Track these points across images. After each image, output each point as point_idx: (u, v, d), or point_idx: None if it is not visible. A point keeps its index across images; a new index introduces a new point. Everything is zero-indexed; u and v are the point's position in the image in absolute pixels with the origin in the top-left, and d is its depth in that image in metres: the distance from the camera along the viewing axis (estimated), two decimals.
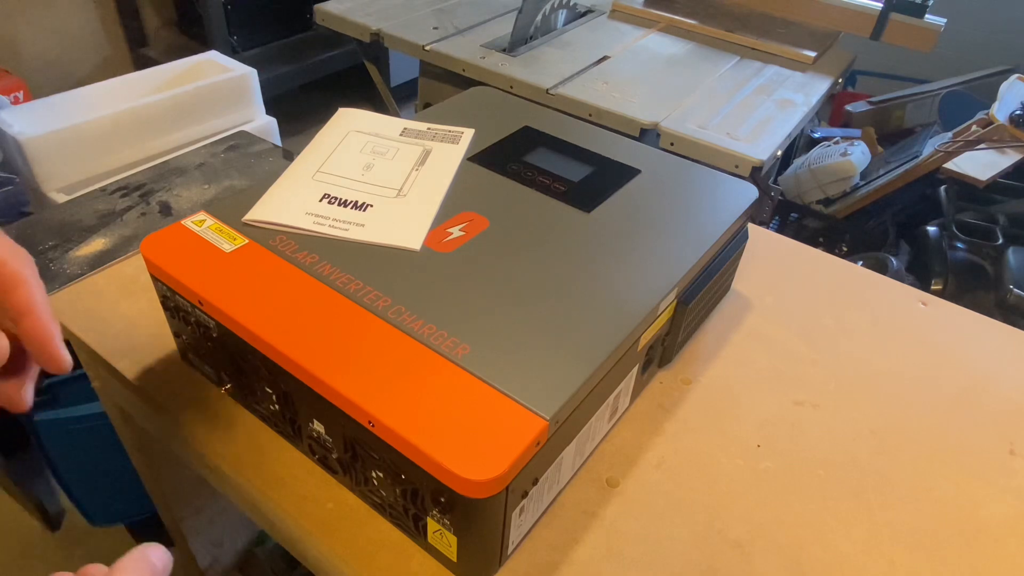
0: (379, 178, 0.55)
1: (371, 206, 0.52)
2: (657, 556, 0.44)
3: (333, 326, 0.42)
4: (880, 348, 0.61)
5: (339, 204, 0.52)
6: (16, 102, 1.69)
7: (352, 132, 0.59)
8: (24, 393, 0.36)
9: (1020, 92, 1.24)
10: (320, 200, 0.53)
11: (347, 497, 0.46)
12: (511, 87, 1.10)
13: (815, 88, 1.13)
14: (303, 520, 0.45)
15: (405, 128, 0.61)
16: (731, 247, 0.58)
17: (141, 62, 2.20)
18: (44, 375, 0.35)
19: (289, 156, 0.87)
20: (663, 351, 0.55)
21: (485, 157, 0.59)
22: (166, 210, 0.78)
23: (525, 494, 0.40)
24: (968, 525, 0.47)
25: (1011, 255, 1.11)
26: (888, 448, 0.52)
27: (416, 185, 0.55)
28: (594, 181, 0.57)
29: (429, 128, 0.61)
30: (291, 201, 0.52)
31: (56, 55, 2.09)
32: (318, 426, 0.44)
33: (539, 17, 1.23)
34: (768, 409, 0.54)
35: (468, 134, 0.61)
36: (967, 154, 1.21)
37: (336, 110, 0.64)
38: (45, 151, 1.18)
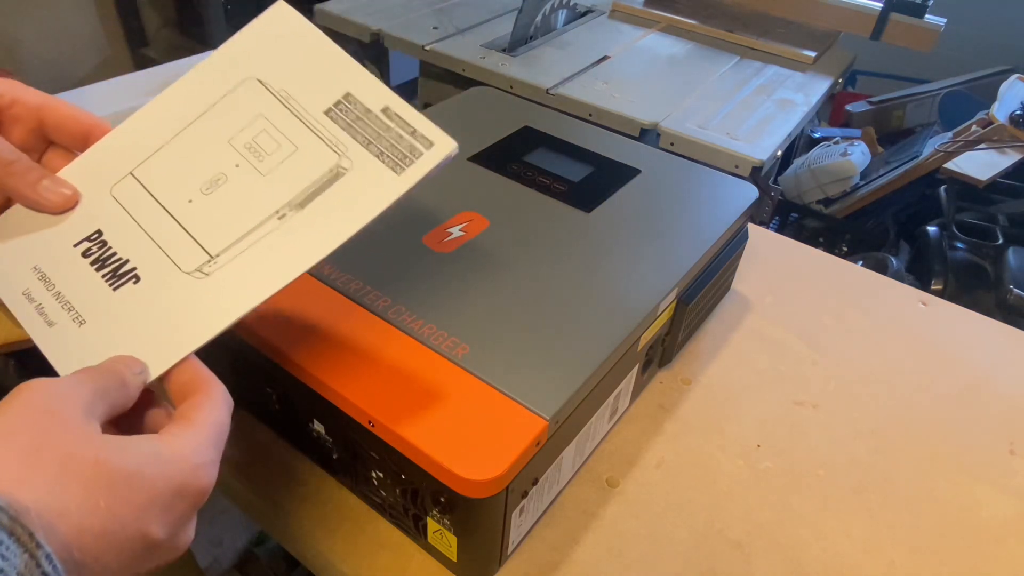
0: (207, 218, 0.35)
1: (136, 280, 0.34)
2: (657, 556, 0.44)
3: (333, 326, 0.42)
4: (880, 348, 0.61)
5: (95, 262, 0.35)
6: None
7: (251, 82, 0.37)
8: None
9: (1020, 92, 1.24)
10: (76, 245, 0.35)
11: (347, 497, 0.46)
12: (511, 87, 1.10)
13: (815, 88, 1.13)
14: (303, 520, 0.45)
15: (346, 96, 0.35)
16: (731, 247, 0.58)
17: (141, 62, 2.20)
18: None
19: None
20: (663, 351, 0.55)
21: (485, 157, 0.59)
22: None
23: (525, 494, 0.40)
24: (968, 525, 0.47)
25: (1011, 255, 1.11)
26: (888, 448, 0.52)
27: (250, 255, 0.34)
28: (594, 181, 0.57)
29: (385, 112, 0.34)
30: (42, 229, 0.36)
31: (56, 55, 2.09)
32: (318, 426, 0.44)
33: (539, 17, 1.23)
34: (768, 409, 0.54)
35: (438, 152, 0.33)
36: (967, 154, 1.21)
37: None
38: None
